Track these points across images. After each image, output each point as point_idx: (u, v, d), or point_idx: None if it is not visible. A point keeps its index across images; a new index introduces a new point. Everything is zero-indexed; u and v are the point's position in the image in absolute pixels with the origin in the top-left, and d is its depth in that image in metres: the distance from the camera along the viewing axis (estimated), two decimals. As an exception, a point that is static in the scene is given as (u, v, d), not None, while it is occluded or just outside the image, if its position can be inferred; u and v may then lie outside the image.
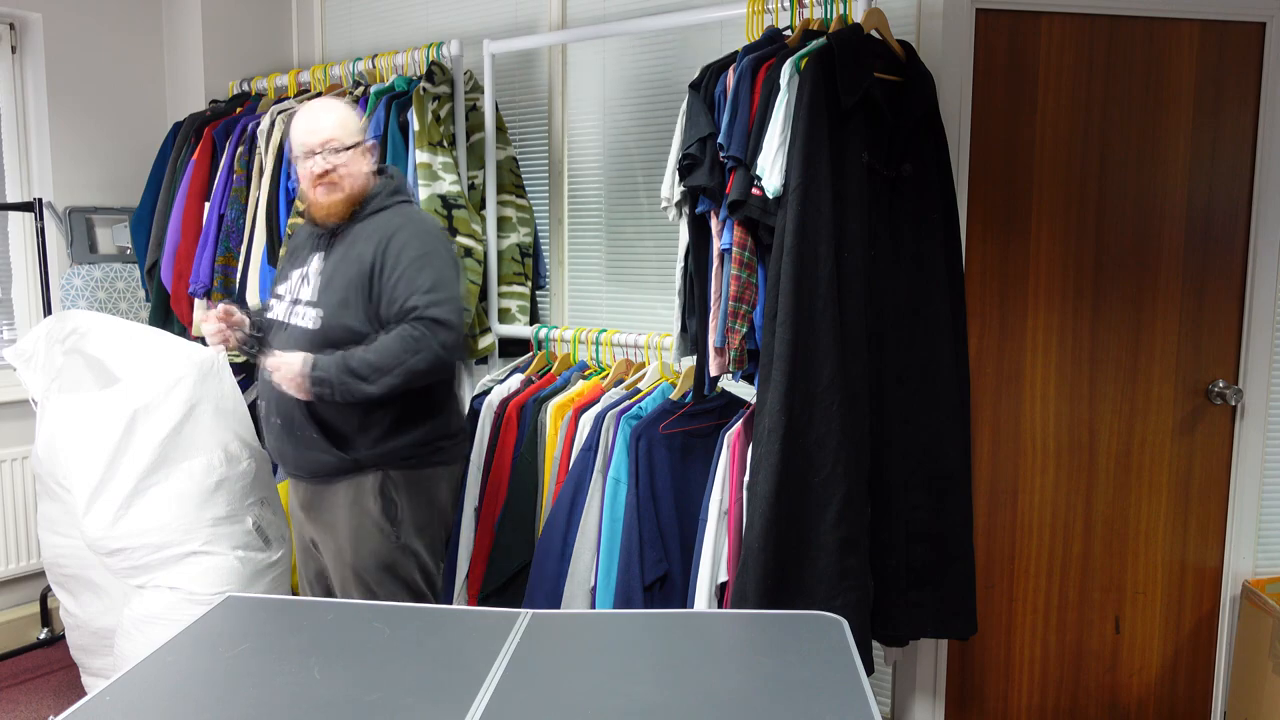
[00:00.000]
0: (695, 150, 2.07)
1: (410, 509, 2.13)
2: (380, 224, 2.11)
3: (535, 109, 3.09)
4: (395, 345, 1.98)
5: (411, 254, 2.05)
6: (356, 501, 2.11)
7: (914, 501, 2.14)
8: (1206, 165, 2.48)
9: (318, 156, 2.07)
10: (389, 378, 1.98)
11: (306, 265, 2.16)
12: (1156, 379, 2.54)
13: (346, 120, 2.11)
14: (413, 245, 2.07)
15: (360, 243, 2.09)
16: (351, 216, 2.13)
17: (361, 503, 2.10)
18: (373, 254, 2.06)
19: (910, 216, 2.11)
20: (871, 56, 2.02)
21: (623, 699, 1.34)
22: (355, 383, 1.97)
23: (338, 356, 1.99)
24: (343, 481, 2.11)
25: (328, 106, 2.12)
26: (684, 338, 2.29)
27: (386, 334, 2.02)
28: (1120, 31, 2.44)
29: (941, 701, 2.60)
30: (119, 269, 3.28)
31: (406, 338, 1.99)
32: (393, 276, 2.04)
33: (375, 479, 2.10)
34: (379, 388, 1.98)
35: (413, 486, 2.14)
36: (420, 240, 2.09)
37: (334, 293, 2.08)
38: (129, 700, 1.34)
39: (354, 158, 2.10)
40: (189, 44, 3.44)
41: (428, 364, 2.00)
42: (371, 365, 1.98)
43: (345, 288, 2.07)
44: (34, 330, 2.64)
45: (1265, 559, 2.59)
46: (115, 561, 2.44)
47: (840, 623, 1.60)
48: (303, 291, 2.14)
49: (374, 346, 2.00)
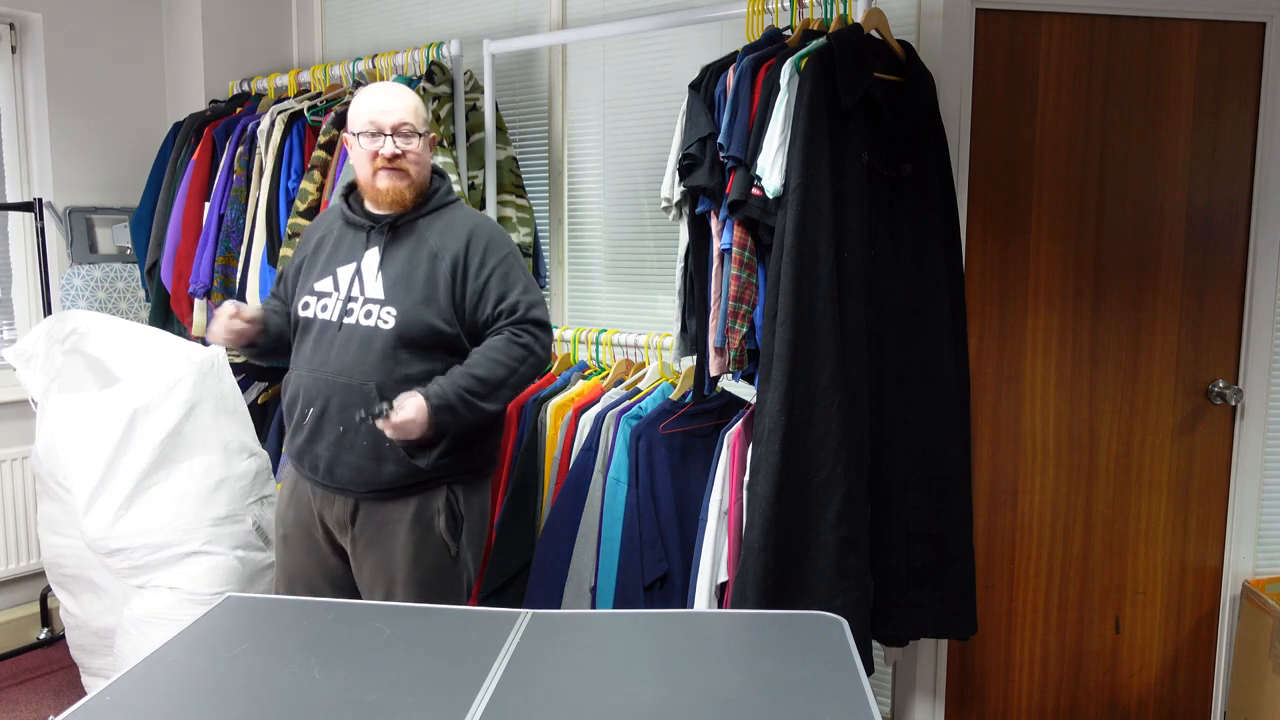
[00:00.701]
0: (695, 150, 2.07)
1: (470, 523, 2.05)
2: (452, 221, 2.03)
3: (535, 109, 3.09)
4: (505, 356, 1.93)
5: (500, 253, 2.01)
6: (423, 517, 1.99)
7: (914, 501, 2.14)
8: (1206, 165, 2.48)
9: (388, 138, 1.95)
10: (507, 390, 1.94)
11: (357, 260, 2.02)
12: (1156, 379, 2.54)
13: (419, 107, 2.02)
14: (499, 245, 2.03)
15: (435, 237, 2.00)
16: (414, 208, 2.02)
17: (428, 518, 1.99)
18: (454, 253, 1.97)
19: (910, 216, 2.11)
20: (871, 56, 2.02)
21: (623, 699, 1.34)
22: (477, 403, 1.91)
23: (450, 382, 1.90)
24: (410, 498, 1.98)
25: (401, 89, 2.02)
26: (684, 338, 2.29)
27: (488, 343, 1.96)
28: (1120, 31, 2.44)
29: (941, 701, 2.60)
30: (119, 269, 3.28)
31: (513, 345, 1.94)
32: (482, 276, 1.97)
33: (441, 493, 2.00)
34: (499, 402, 1.95)
35: (473, 499, 2.06)
36: (504, 240, 2.06)
37: (412, 290, 1.96)
38: (129, 700, 1.34)
39: (424, 145, 2.02)
40: (189, 44, 3.44)
41: (534, 370, 1.98)
42: (488, 381, 1.91)
43: (426, 285, 1.96)
44: (34, 330, 2.64)
45: (1265, 559, 2.59)
46: (115, 561, 2.44)
47: (840, 623, 1.60)
48: (364, 288, 1.99)
49: (482, 360, 1.93)
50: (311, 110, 2.92)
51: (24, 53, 3.25)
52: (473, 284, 1.98)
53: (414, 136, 1.98)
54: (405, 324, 1.94)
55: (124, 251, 3.39)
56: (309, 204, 2.78)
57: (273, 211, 2.88)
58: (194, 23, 3.41)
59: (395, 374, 1.93)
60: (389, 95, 1.99)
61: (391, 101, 1.98)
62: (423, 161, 2.02)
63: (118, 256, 3.38)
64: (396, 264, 1.99)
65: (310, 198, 2.78)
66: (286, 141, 2.89)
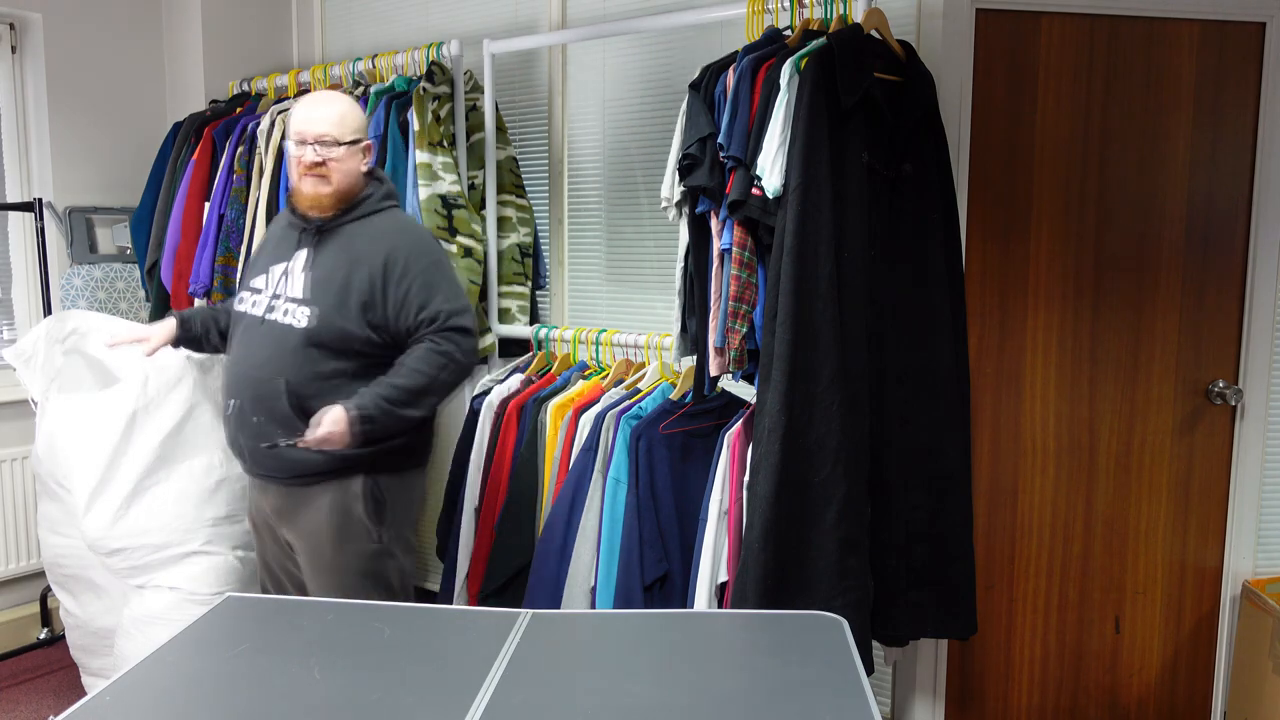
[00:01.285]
0: (695, 150, 2.07)
1: (396, 510, 2.12)
2: (380, 227, 2.09)
3: (535, 109, 3.09)
4: (426, 365, 1.99)
5: (424, 261, 2.05)
6: (342, 502, 2.07)
7: (914, 501, 2.14)
8: (1206, 165, 2.48)
9: (309, 147, 2.04)
10: (429, 397, 2.01)
11: (290, 260, 2.11)
12: (1156, 379, 2.54)
13: (347, 115, 2.08)
14: (423, 253, 2.07)
15: (359, 244, 2.06)
16: (342, 213, 2.10)
17: (347, 504, 2.07)
18: (377, 260, 2.03)
19: (910, 216, 2.11)
20: (871, 56, 2.02)
21: (623, 699, 1.34)
22: (398, 411, 1.97)
23: (371, 393, 1.97)
24: (328, 483, 2.07)
25: (331, 99, 2.10)
26: (684, 338, 2.29)
27: (408, 352, 2.01)
28: (1120, 31, 2.44)
29: (941, 701, 2.60)
30: (119, 269, 3.28)
31: (435, 353, 1.99)
32: (404, 283, 2.02)
33: (363, 480, 2.07)
34: (422, 409, 2.01)
35: (397, 487, 2.12)
36: (429, 248, 2.10)
37: (330, 293, 2.04)
38: (129, 700, 1.34)
39: (348, 154, 2.07)
40: (189, 44, 3.44)
41: (457, 377, 2.03)
42: (410, 390, 1.97)
43: (343, 289, 2.03)
44: (34, 330, 2.64)
45: (1265, 559, 2.59)
46: (115, 561, 2.45)
47: (840, 623, 1.60)
48: (288, 287, 2.08)
49: (405, 370, 1.99)
50: (311, 110, 2.92)
51: (24, 53, 3.25)
52: (394, 292, 2.02)
53: (335, 146, 2.04)
54: (318, 325, 2.02)
55: (124, 251, 3.39)
56: (309, 204, 2.78)
57: (273, 211, 2.88)
58: (194, 23, 3.41)
59: (305, 372, 2.01)
60: (315, 106, 2.08)
61: (316, 112, 2.06)
62: (346, 169, 2.07)
63: (118, 256, 3.38)
64: (320, 266, 2.06)
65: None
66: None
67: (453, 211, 2.67)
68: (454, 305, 2.04)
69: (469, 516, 2.58)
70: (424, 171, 2.63)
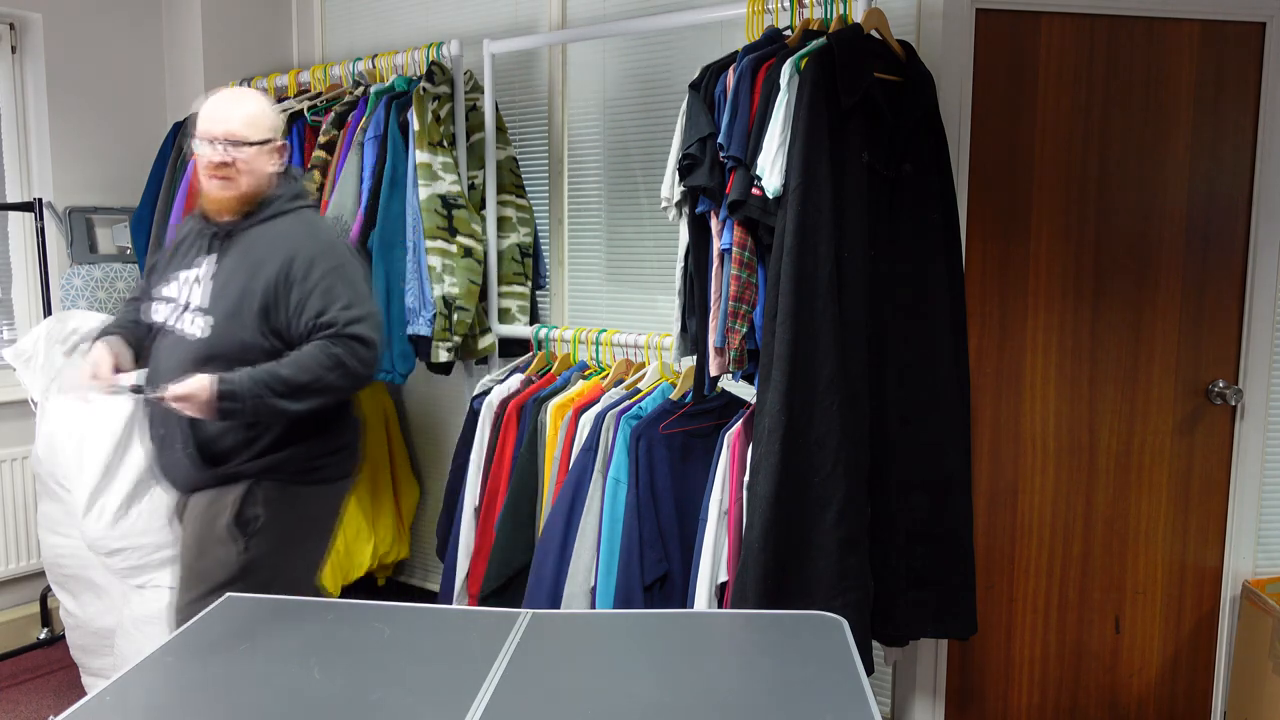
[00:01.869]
0: (695, 150, 2.07)
1: (274, 523, 1.99)
2: (282, 231, 1.99)
3: (535, 109, 3.09)
4: (313, 361, 1.88)
5: (325, 266, 1.94)
6: (210, 509, 1.98)
7: (914, 501, 2.14)
8: (1206, 165, 2.48)
9: (217, 145, 1.94)
10: (309, 394, 1.88)
11: (197, 267, 2.01)
12: (1156, 379, 2.54)
13: (256, 115, 1.99)
14: (326, 257, 1.96)
15: (260, 248, 1.96)
16: (246, 216, 2.00)
17: (214, 511, 1.98)
18: (278, 264, 1.93)
19: (910, 216, 2.11)
20: (871, 56, 2.02)
21: (623, 699, 1.34)
22: (270, 399, 1.85)
23: (249, 372, 1.86)
24: (209, 490, 2.00)
25: (241, 96, 2.01)
26: (684, 338, 2.29)
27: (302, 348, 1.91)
28: (1120, 31, 2.44)
29: (941, 701, 2.60)
30: (119, 269, 3.28)
31: (324, 353, 1.88)
32: (303, 290, 1.92)
33: (239, 490, 1.98)
34: (297, 403, 1.88)
35: (283, 501, 2.01)
36: (335, 252, 1.99)
37: (228, 301, 1.94)
38: (129, 700, 1.34)
39: (256, 155, 1.98)
40: (189, 44, 3.44)
41: (347, 382, 1.91)
42: (287, 381, 1.86)
43: (240, 296, 1.93)
44: (34, 330, 2.64)
45: (1265, 559, 2.59)
46: (115, 561, 2.45)
47: (840, 623, 1.60)
48: (193, 295, 1.99)
49: (290, 361, 1.88)
50: (311, 110, 2.93)
51: (24, 53, 3.25)
52: (294, 298, 1.93)
53: (243, 146, 1.95)
54: (217, 335, 1.93)
55: (124, 251, 3.39)
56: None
57: (273, 211, 2.87)
58: (194, 23, 3.41)
59: None
60: (223, 103, 1.99)
61: (223, 110, 1.97)
62: (253, 170, 1.98)
63: (118, 256, 3.38)
64: (223, 273, 1.97)
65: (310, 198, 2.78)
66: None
67: (453, 211, 2.67)
68: (354, 312, 1.92)
69: (469, 516, 2.58)
70: (424, 171, 2.63)
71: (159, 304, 2.06)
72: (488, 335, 2.83)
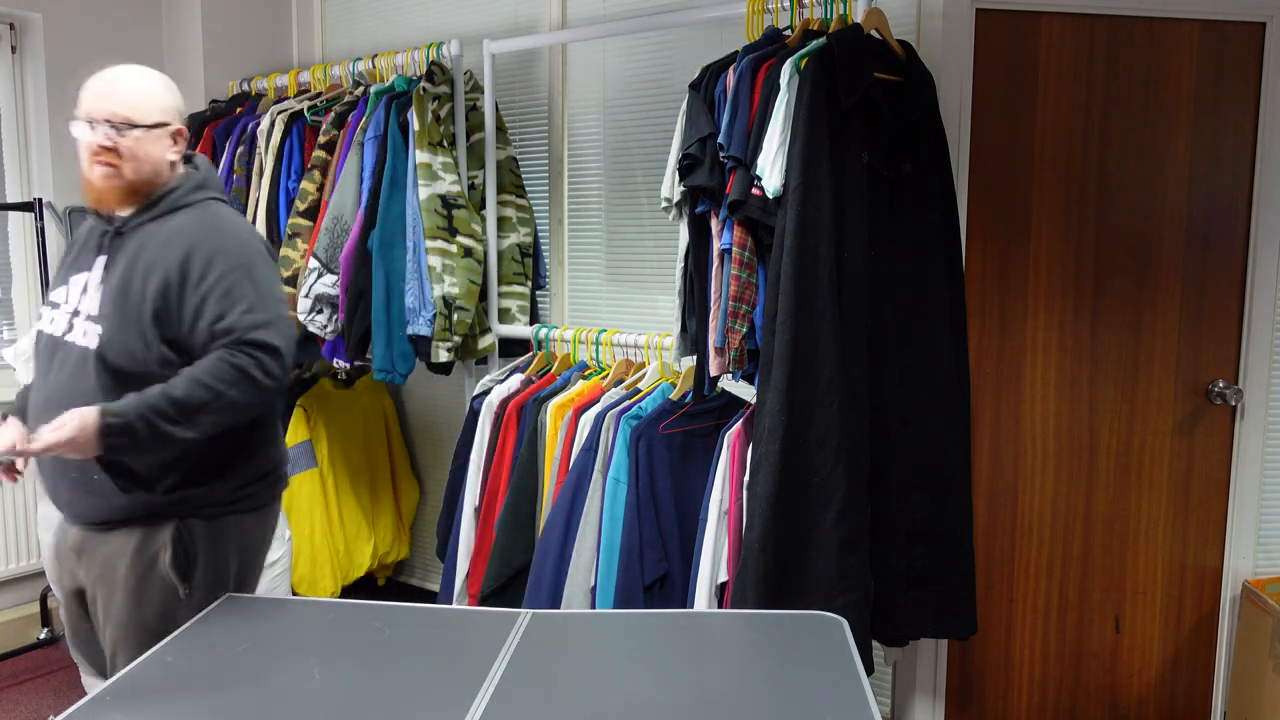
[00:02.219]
0: (695, 150, 2.07)
1: (209, 563, 1.79)
2: (181, 226, 1.75)
3: (535, 109, 3.09)
4: (210, 376, 1.65)
5: (226, 264, 1.71)
6: (142, 552, 1.75)
7: (914, 501, 2.14)
8: (1206, 165, 2.48)
9: (99, 127, 1.71)
10: (205, 416, 1.65)
11: (87, 269, 1.78)
12: (1156, 379, 2.54)
13: (148, 94, 1.75)
14: (227, 254, 1.73)
15: (155, 247, 1.73)
16: (140, 211, 1.77)
17: (149, 554, 1.75)
18: (174, 263, 1.70)
19: (910, 216, 2.11)
20: (871, 56, 2.02)
21: (623, 699, 1.34)
22: (165, 427, 1.62)
23: (137, 397, 1.62)
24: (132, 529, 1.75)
25: (130, 73, 1.76)
26: (684, 338, 2.29)
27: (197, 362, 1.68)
28: (1120, 31, 2.44)
29: (941, 701, 2.60)
30: (119, 269, 3.27)
31: (224, 365, 1.66)
32: (199, 292, 1.69)
33: (170, 529, 1.75)
34: (195, 430, 1.65)
35: (215, 537, 1.80)
36: (239, 249, 1.75)
37: (117, 307, 1.71)
38: (129, 700, 1.34)
39: (148, 139, 1.74)
40: (189, 44, 3.44)
41: (251, 397, 1.69)
42: (184, 404, 1.62)
43: (134, 301, 1.70)
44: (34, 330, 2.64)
45: (1265, 559, 2.59)
46: (115, 561, 2.44)
47: (840, 623, 1.60)
48: (85, 302, 1.75)
49: (183, 379, 1.65)
50: (311, 110, 2.93)
51: (24, 53, 3.25)
52: (189, 302, 1.70)
53: (129, 129, 1.71)
54: (106, 345, 1.70)
55: (124, 251, 3.39)
56: (309, 204, 2.78)
57: (273, 212, 2.88)
58: (194, 23, 3.41)
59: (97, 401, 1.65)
60: (108, 81, 1.74)
61: (107, 88, 1.73)
62: (142, 156, 1.74)
63: (118, 256, 3.38)
64: (114, 275, 1.74)
65: (310, 198, 2.78)
66: (286, 141, 2.89)
67: (453, 211, 2.67)
68: (259, 317, 1.70)
69: (469, 516, 2.58)
70: (424, 171, 2.63)
71: (48, 310, 1.83)
72: (488, 335, 2.83)
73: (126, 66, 1.78)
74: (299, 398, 3.12)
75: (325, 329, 2.70)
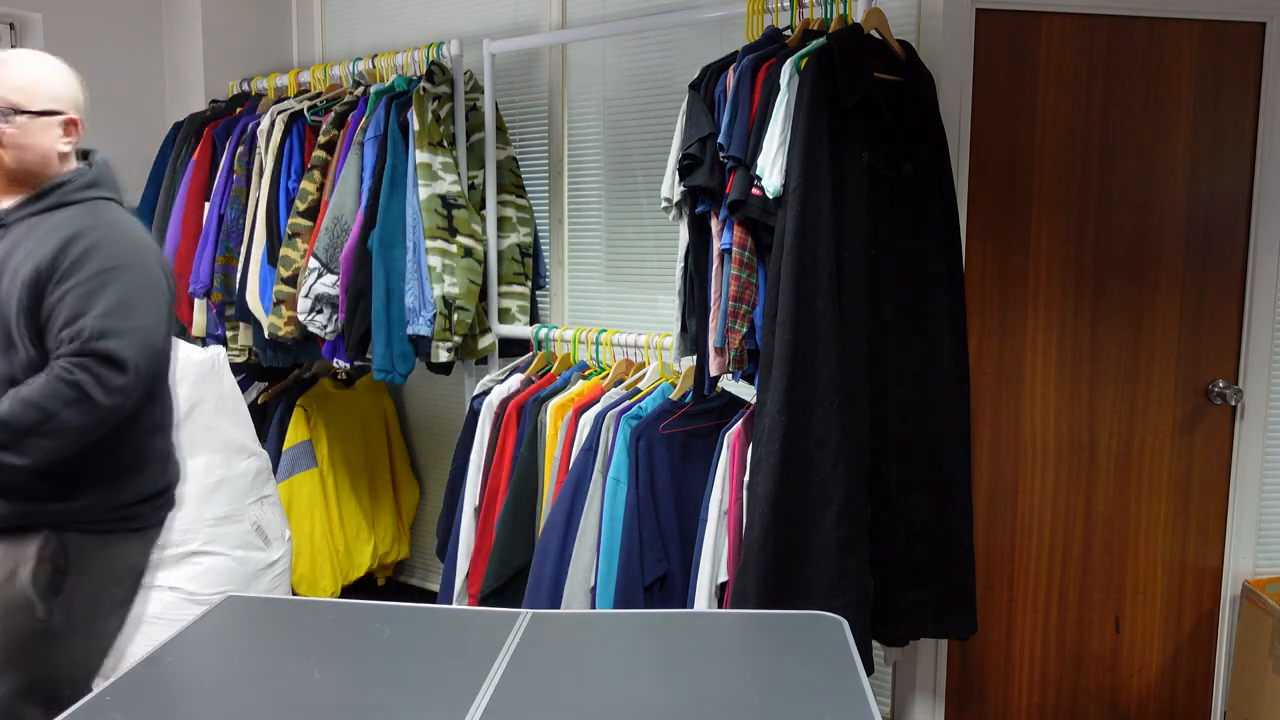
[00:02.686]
0: (695, 150, 2.07)
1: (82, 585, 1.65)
2: (62, 223, 1.62)
3: (535, 109, 3.09)
4: (41, 396, 1.51)
5: (99, 265, 1.58)
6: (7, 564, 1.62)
7: (914, 501, 2.14)
8: (1206, 165, 2.48)
9: None
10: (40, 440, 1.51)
11: None
12: (1156, 379, 2.54)
13: (40, 80, 1.65)
14: (97, 256, 1.59)
15: (31, 243, 1.61)
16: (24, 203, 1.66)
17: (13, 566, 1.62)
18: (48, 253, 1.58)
19: (910, 216, 2.11)
20: (871, 56, 2.02)
21: (623, 699, 1.34)
22: None
23: None
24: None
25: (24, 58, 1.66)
26: (684, 338, 2.29)
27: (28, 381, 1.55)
28: (1120, 31, 2.44)
29: (941, 701, 2.60)
30: (119, 269, 3.27)
31: (58, 382, 1.51)
32: (58, 292, 1.56)
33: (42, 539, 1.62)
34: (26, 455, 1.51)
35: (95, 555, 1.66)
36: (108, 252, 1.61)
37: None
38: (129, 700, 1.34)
39: (34, 127, 1.64)
40: (189, 44, 3.44)
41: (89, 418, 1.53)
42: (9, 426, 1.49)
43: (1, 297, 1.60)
44: (34, 330, 2.64)
45: (1265, 559, 2.59)
46: (115, 561, 2.44)
47: (840, 623, 1.60)
48: None
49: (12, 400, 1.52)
50: (311, 110, 2.93)
51: (24, 53, 3.25)
52: (52, 296, 1.57)
53: (13, 115, 1.62)
54: None
55: (124, 251, 3.39)
56: (309, 204, 2.78)
57: (273, 211, 2.88)
58: (194, 23, 3.41)
59: None
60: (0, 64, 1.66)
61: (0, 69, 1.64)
62: (26, 144, 1.64)
63: (118, 256, 3.37)
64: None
65: (310, 198, 2.78)
66: (286, 141, 2.90)
67: (453, 211, 2.67)
68: (110, 323, 1.55)
69: (469, 516, 2.58)
70: (424, 171, 2.63)
71: None
72: (488, 335, 2.84)
73: (27, 51, 1.70)
74: (299, 398, 3.13)
75: (325, 329, 2.70)
